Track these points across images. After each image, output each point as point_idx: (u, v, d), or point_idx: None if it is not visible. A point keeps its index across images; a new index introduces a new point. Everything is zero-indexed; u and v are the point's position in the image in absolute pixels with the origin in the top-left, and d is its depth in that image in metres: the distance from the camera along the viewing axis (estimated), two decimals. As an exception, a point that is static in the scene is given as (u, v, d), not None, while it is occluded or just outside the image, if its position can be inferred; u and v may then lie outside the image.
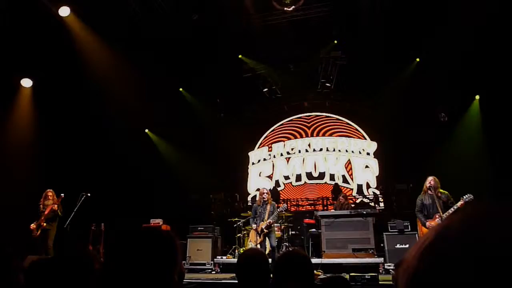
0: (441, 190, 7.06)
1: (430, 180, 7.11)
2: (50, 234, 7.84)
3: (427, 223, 6.87)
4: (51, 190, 8.17)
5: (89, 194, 8.44)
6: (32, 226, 7.73)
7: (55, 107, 9.81)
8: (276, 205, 8.22)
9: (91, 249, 8.81)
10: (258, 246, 7.51)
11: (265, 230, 7.68)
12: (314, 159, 13.51)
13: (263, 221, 7.73)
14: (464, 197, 6.75)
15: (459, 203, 6.70)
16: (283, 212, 8.74)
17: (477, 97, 10.77)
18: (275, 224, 8.27)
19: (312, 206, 12.77)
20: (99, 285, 1.19)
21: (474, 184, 9.32)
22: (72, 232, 8.02)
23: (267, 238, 7.83)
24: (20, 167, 9.06)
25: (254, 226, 7.97)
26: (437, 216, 6.85)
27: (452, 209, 6.74)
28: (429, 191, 7.06)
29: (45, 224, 7.79)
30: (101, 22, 9.23)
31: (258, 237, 7.78)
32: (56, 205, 7.87)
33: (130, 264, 1.16)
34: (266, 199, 7.92)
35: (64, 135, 10.34)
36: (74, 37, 9.18)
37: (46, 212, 7.79)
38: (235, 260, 9.31)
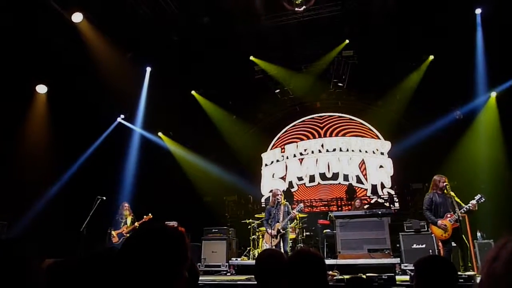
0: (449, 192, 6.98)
1: (445, 179, 7.00)
2: None
3: (439, 222, 6.76)
4: (126, 202, 9.40)
5: (104, 198, 8.54)
6: (114, 233, 8.99)
7: (69, 113, 9.93)
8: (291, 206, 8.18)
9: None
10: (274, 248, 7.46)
11: (282, 231, 7.64)
12: (327, 159, 13.44)
13: (278, 222, 7.68)
14: (476, 197, 6.68)
15: (470, 204, 6.62)
16: (297, 214, 8.66)
17: (494, 94, 10.56)
18: (289, 225, 8.23)
19: (326, 207, 12.70)
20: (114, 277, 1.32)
21: (490, 183, 9.21)
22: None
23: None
24: (35, 172, 9.18)
25: (269, 230, 7.91)
26: (448, 216, 6.76)
27: (464, 209, 6.65)
28: (439, 191, 6.97)
29: (127, 235, 8.59)
30: (112, 26, 9.32)
31: (274, 239, 7.73)
32: (137, 223, 9.07)
33: (139, 258, 1.29)
34: (280, 201, 7.88)
35: (78, 140, 10.47)
36: (86, 43, 9.28)
37: (129, 225, 9.08)
38: (250, 262, 9.29)
